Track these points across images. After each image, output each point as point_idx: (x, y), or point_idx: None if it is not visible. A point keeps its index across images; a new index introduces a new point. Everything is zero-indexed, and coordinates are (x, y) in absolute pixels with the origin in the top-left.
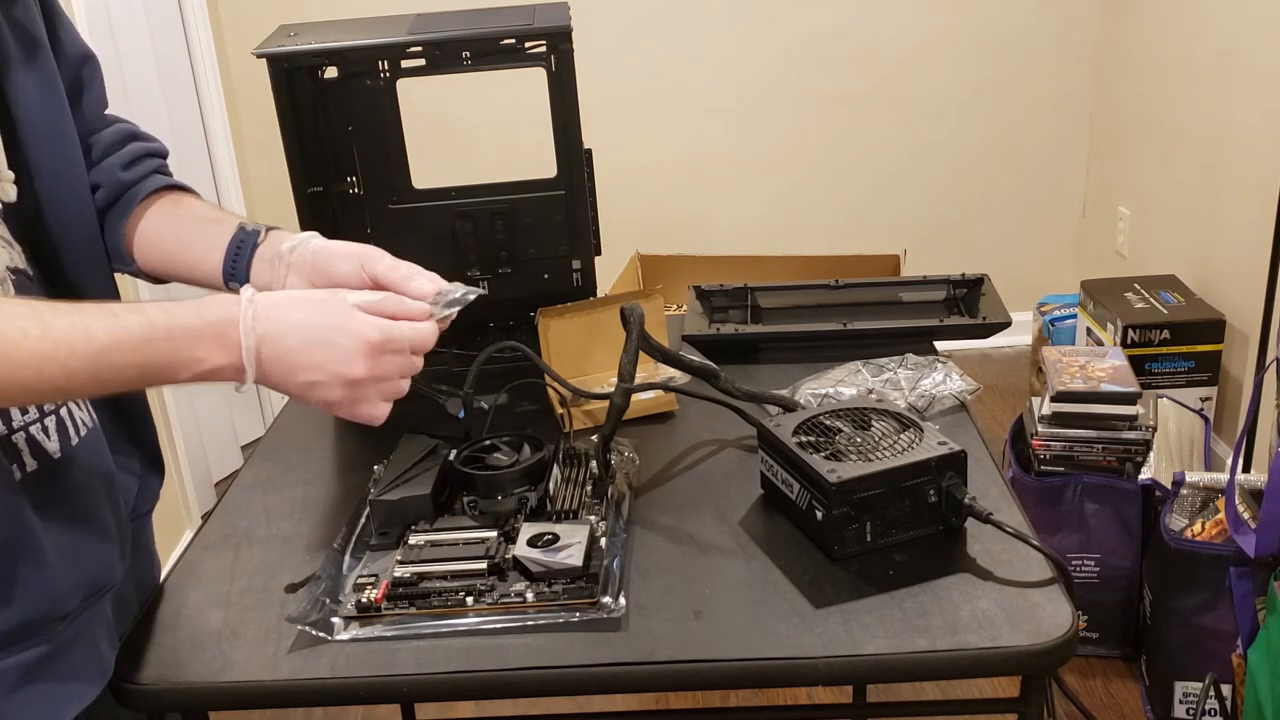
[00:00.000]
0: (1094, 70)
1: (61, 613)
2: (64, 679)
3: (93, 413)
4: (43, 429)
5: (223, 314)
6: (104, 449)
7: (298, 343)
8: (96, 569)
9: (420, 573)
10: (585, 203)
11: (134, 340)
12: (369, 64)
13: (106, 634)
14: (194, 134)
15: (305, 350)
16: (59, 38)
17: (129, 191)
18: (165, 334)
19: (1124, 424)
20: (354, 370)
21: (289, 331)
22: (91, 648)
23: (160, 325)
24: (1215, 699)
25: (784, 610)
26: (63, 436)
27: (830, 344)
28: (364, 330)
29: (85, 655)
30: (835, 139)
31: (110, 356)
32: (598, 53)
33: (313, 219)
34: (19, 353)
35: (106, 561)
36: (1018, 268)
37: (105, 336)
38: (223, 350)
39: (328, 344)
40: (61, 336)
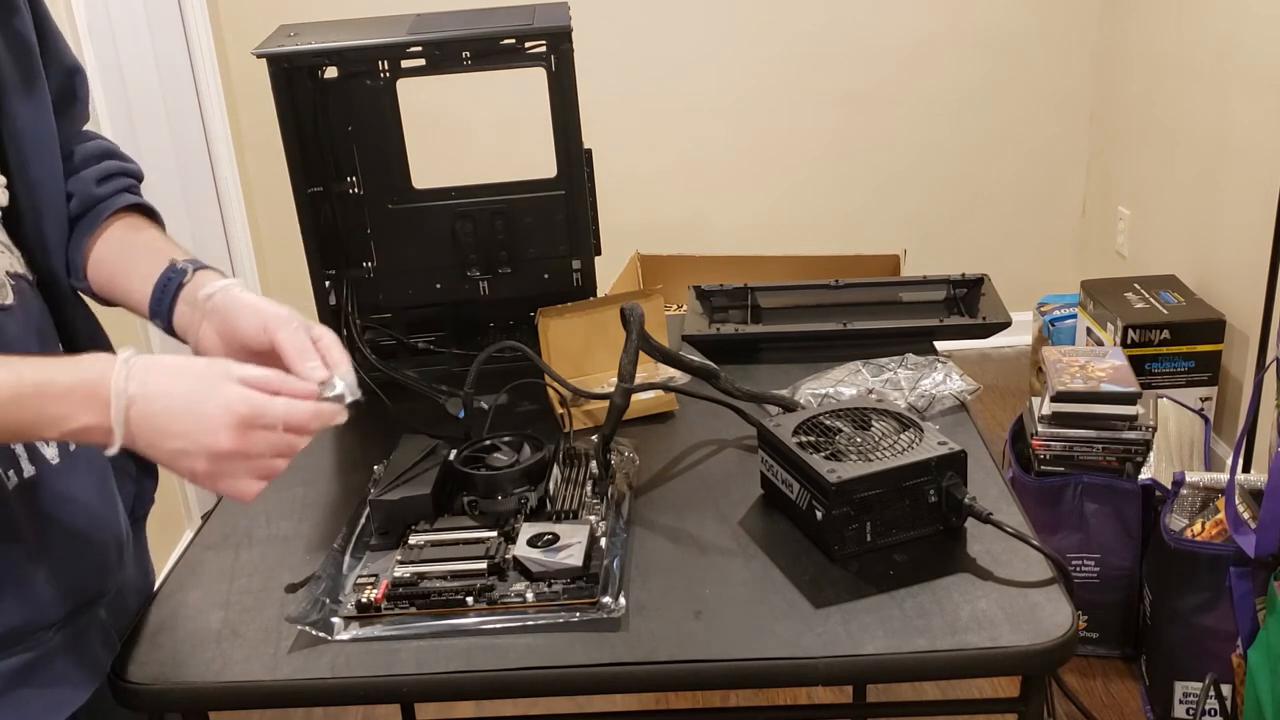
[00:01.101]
0: (1094, 70)
1: (49, 621)
2: (50, 685)
3: None
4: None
5: (96, 373)
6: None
7: (165, 408)
8: (90, 576)
9: (420, 573)
10: (585, 203)
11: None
12: (369, 64)
13: (101, 639)
14: (194, 134)
15: (173, 416)
16: (49, 47)
17: (98, 207)
18: (34, 390)
19: (1124, 424)
20: (219, 442)
21: (159, 395)
22: (81, 654)
23: (29, 381)
24: (1215, 699)
25: (784, 610)
26: (61, 443)
27: (830, 344)
28: (233, 402)
29: (73, 662)
30: (835, 139)
31: None
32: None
33: (313, 219)
34: None
35: (101, 568)
36: (1018, 268)
37: None
38: (92, 410)
39: (195, 412)
40: None
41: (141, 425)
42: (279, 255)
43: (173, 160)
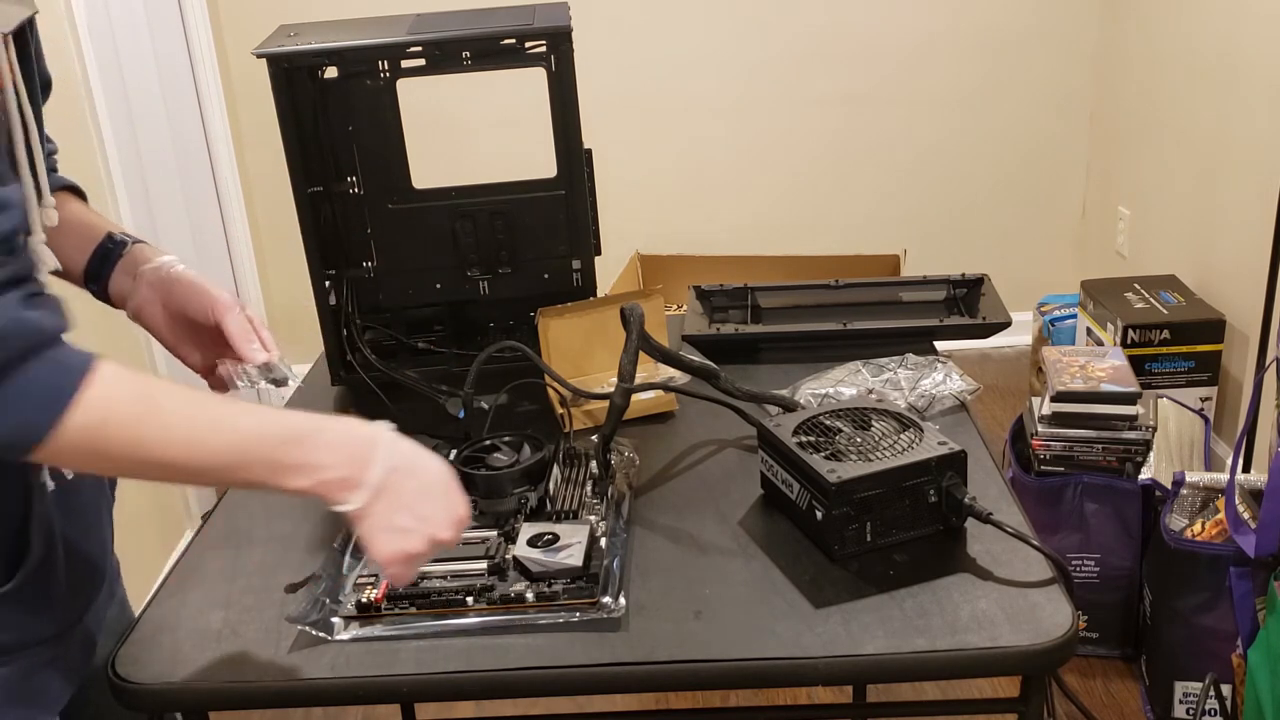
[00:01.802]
0: (1094, 70)
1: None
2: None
3: None
4: None
5: (364, 431)
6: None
7: (421, 487)
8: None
9: (420, 572)
10: (585, 203)
11: (276, 437)
12: (369, 64)
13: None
14: (194, 134)
15: (422, 497)
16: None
17: None
18: (308, 435)
19: (1124, 424)
20: (443, 534)
21: (419, 473)
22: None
23: (304, 427)
24: (1215, 699)
25: (784, 610)
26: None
27: (830, 344)
28: (462, 507)
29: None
30: (835, 139)
31: (249, 448)
32: (598, 53)
33: (313, 219)
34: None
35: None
36: (1018, 268)
37: (254, 427)
38: (353, 466)
39: (440, 502)
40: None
41: (390, 494)
42: (279, 255)
43: (173, 160)
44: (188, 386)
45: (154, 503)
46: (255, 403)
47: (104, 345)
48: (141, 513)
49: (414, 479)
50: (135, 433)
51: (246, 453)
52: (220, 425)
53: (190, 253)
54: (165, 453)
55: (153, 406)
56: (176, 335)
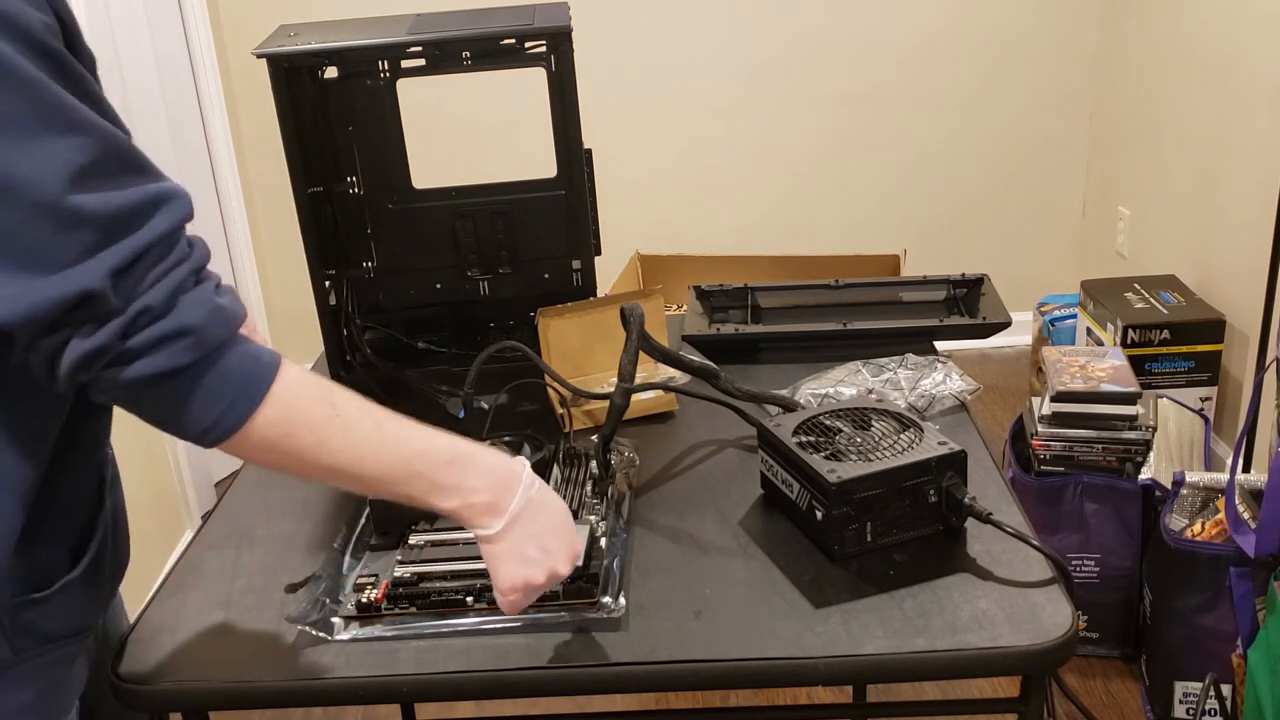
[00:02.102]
0: (1094, 70)
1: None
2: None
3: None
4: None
5: (510, 463)
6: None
7: (553, 520)
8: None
9: (420, 573)
10: (585, 203)
11: (440, 456)
12: (369, 64)
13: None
14: (194, 134)
15: (551, 531)
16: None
17: None
18: (465, 460)
19: (1124, 424)
20: (562, 568)
21: (551, 507)
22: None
23: (463, 452)
24: (1215, 699)
25: (784, 610)
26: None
27: (830, 344)
28: (579, 542)
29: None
30: (835, 139)
31: (415, 464)
32: (598, 53)
33: (313, 219)
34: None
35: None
36: (1018, 268)
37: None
38: (496, 492)
39: (565, 538)
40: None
41: (523, 524)
42: (279, 255)
43: (173, 160)
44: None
45: (154, 503)
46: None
47: None
48: (142, 513)
49: (544, 513)
50: (320, 434)
51: (412, 470)
52: (395, 439)
53: None
54: (340, 458)
55: (336, 411)
56: None
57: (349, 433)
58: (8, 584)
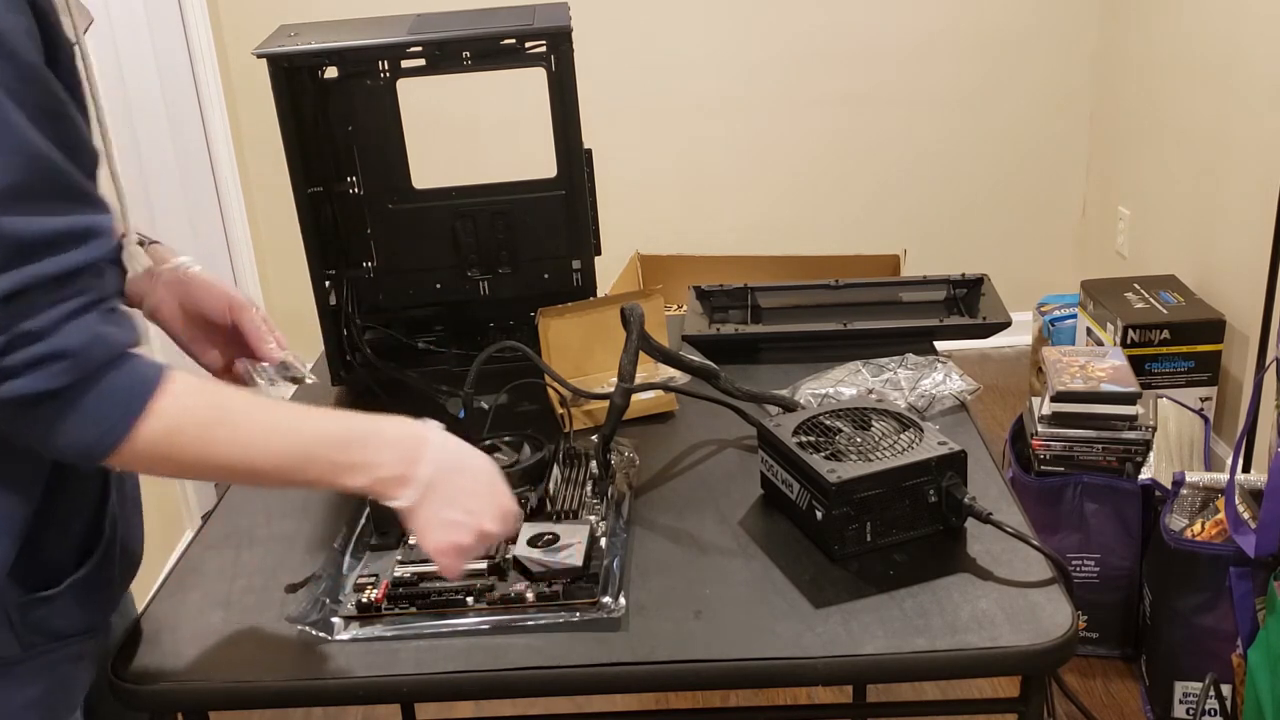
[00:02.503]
0: (1094, 70)
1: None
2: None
3: None
4: None
5: (416, 430)
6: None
7: (472, 482)
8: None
9: (420, 573)
10: (585, 203)
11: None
12: (369, 64)
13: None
14: (194, 134)
15: (471, 493)
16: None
17: None
18: (362, 437)
19: (1124, 424)
20: (490, 526)
21: (467, 470)
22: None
23: (359, 430)
24: (1215, 699)
25: (784, 610)
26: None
27: (830, 344)
28: (509, 500)
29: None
30: (835, 139)
31: (311, 449)
32: (598, 53)
33: (313, 219)
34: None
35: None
36: (1018, 268)
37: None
38: (404, 463)
39: (488, 496)
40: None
41: (439, 489)
42: (279, 255)
43: (173, 160)
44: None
45: (154, 503)
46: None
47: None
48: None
49: (462, 475)
50: (204, 438)
51: (308, 455)
52: (286, 428)
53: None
54: (231, 456)
55: (221, 414)
56: (192, 334)
57: (236, 431)
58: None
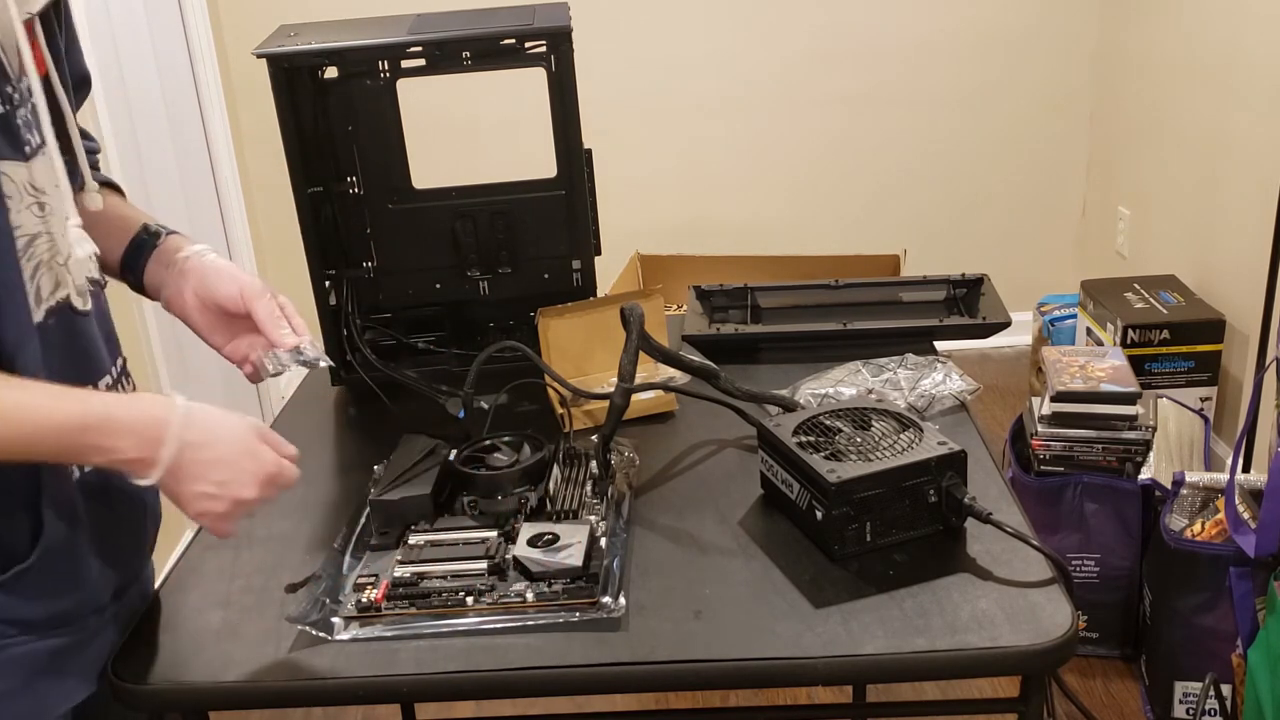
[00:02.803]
0: (1094, 70)
1: (95, 605)
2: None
3: None
4: None
5: (157, 414)
6: None
7: (215, 458)
8: (129, 564)
9: (420, 573)
10: (585, 203)
11: (70, 424)
12: (369, 64)
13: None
14: (194, 134)
15: (216, 467)
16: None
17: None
18: (98, 422)
19: (1124, 424)
20: (246, 494)
21: (209, 445)
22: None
23: (95, 414)
24: (1215, 699)
25: (784, 610)
26: None
27: (830, 344)
28: (266, 464)
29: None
30: (835, 139)
31: (42, 437)
32: (598, 53)
33: (313, 219)
34: None
35: (139, 556)
36: (1018, 268)
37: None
38: (146, 447)
39: (236, 467)
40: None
41: (185, 469)
42: (279, 255)
43: (173, 160)
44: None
45: None
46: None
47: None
48: None
49: (209, 451)
50: None
51: (42, 440)
52: (16, 414)
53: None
54: None
55: None
56: (209, 323)
57: None
58: None
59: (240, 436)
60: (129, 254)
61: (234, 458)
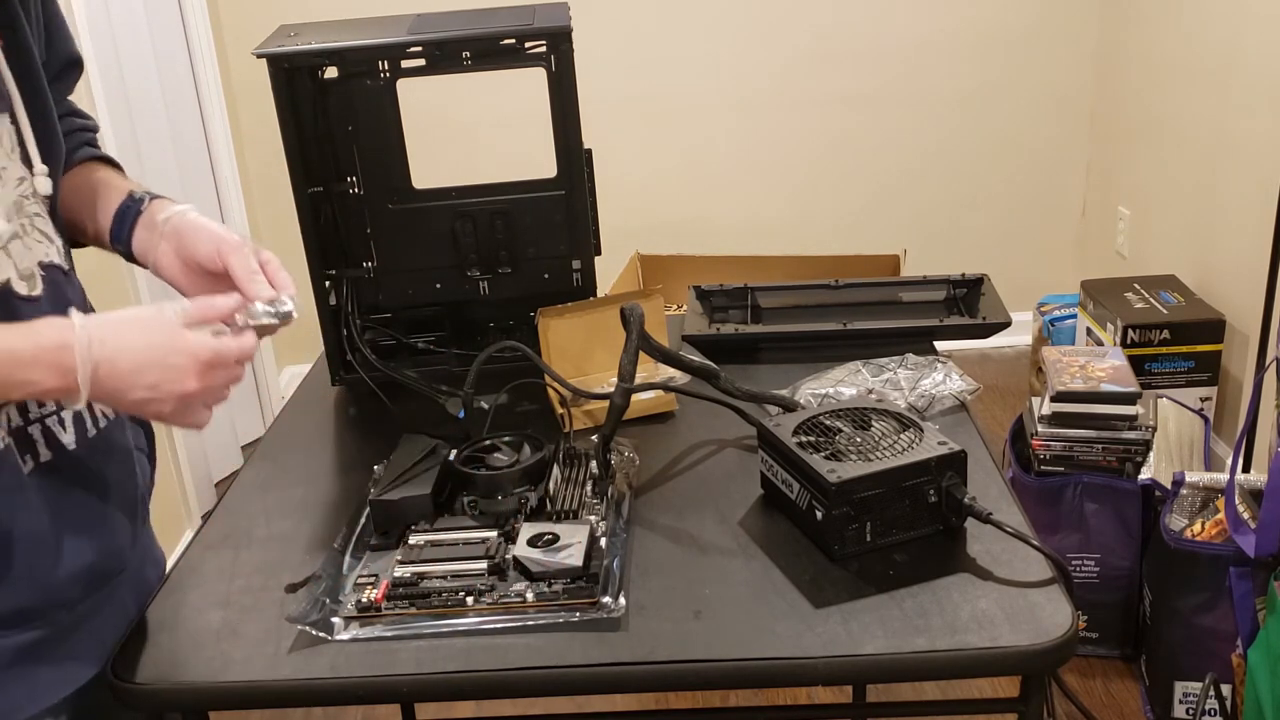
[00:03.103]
0: (1094, 70)
1: (63, 600)
2: (59, 662)
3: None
4: (59, 421)
5: (57, 339)
6: (125, 436)
7: (135, 365)
8: (104, 557)
9: (420, 573)
10: (585, 203)
11: None
12: (369, 64)
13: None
14: (194, 134)
15: (141, 371)
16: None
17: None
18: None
19: (1124, 424)
20: (188, 387)
21: (124, 353)
22: (94, 632)
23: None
24: (1215, 699)
25: (784, 610)
26: (79, 429)
27: (830, 344)
28: (197, 350)
29: (84, 640)
30: (835, 139)
31: None
32: (598, 53)
33: (313, 219)
34: None
35: (116, 549)
36: (1018, 268)
37: None
38: (57, 375)
39: (162, 365)
40: None
41: (108, 383)
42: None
43: (173, 160)
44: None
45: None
46: None
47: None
48: None
49: (126, 359)
50: None
51: None
52: None
53: None
54: None
55: None
56: (192, 284)
57: None
58: None
59: (157, 333)
60: (116, 223)
61: (157, 357)
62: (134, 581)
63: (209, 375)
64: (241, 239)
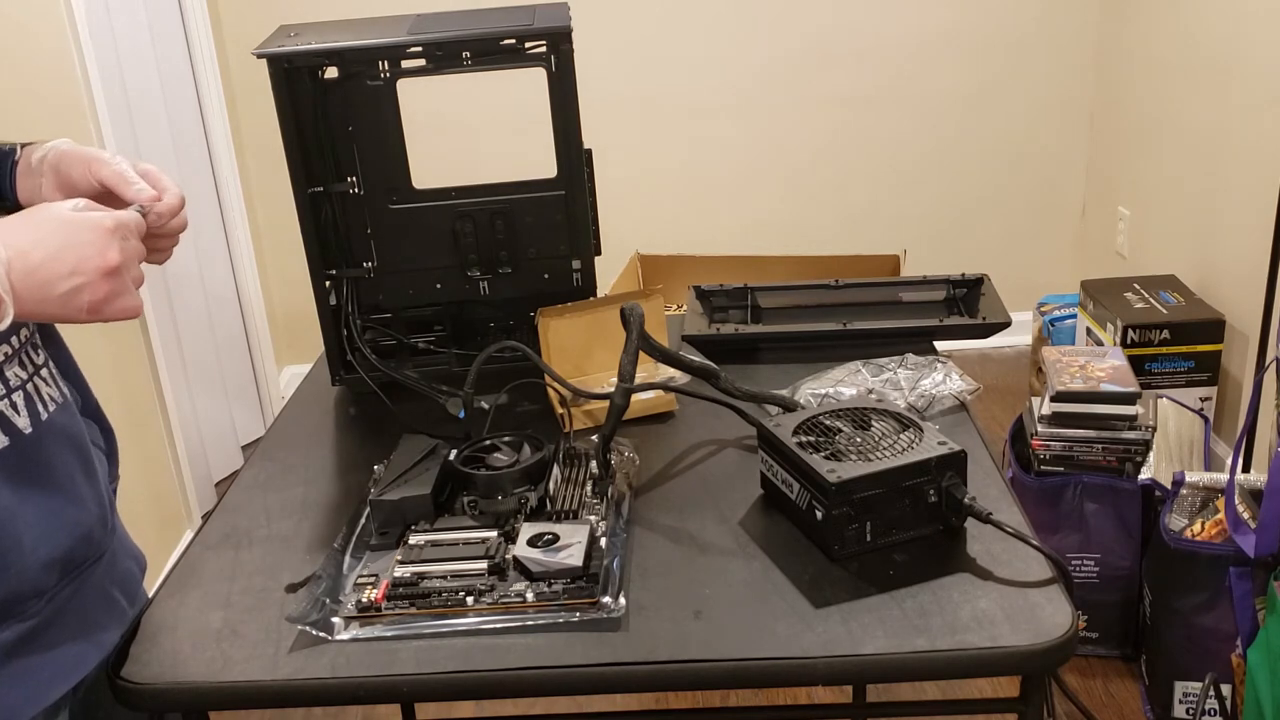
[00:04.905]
0: (1094, 70)
1: (37, 590)
2: (50, 654)
3: (62, 387)
4: (11, 405)
5: None
6: (77, 422)
7: (47, 255)
8: (74, 543)
9: (420, 573)
10: (585, 203)
11: None
12: (369, 64)
13: (104, 609)
14: (194, 134)
15: (57, 258)
16: None
17: None
18: None
19: (1124, 424)
20: (110, 259)
21: (31, 246)
22: (80, 623)
23: None
24: (1215, 699)
25: (784, 610)
26: (32, 412)
27: (830, 344)
28: (100, 221)
29: (70, 630)
30: (835, 140)
31: None
32: (598, 53)
33: (313, 219)
34: None
35: (85, 534)
36: (1018, 268)
37: None
38: None
39: (75, 244)
40: None
41: (27, 280)
42: (279, 255)
43: (173, 160)
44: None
45: (154, 503)
46: None
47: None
48: (141, 513)
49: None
50: None
51: None
52: None
53: (190, 254)
54: None
55: None
56: None
57: None
58: None
59: (56, 219)
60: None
61: (65, 238)
62: (115, 572)
63: (124, 245)
64: (107, 153)
